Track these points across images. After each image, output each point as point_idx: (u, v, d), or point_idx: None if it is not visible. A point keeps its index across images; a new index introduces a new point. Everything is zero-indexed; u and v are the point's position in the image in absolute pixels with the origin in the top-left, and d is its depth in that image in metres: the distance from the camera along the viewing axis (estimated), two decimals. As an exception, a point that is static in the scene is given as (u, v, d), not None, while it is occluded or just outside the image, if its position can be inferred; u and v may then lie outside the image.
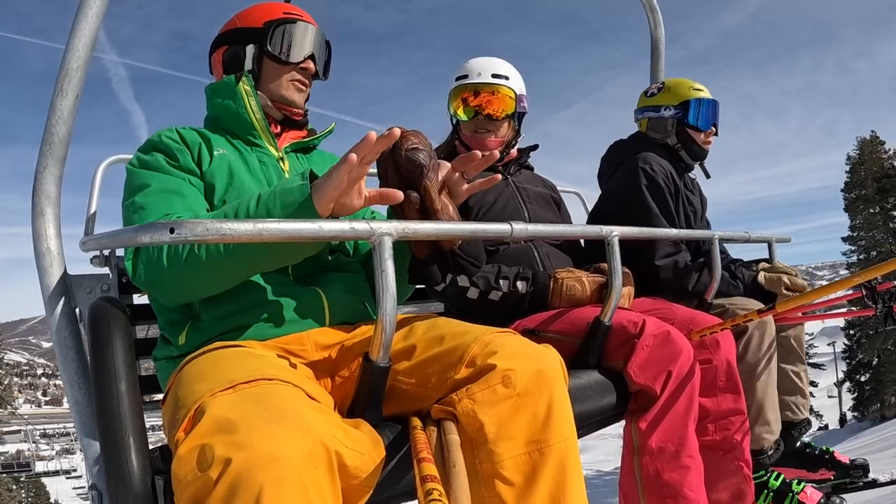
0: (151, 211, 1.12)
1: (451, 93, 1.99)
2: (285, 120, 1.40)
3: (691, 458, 1.37)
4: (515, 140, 2.01)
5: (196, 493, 0.70)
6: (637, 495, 1.39)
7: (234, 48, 1.37)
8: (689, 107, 2.16)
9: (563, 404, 0.97)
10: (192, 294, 1.11)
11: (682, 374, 1.38)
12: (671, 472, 1.35)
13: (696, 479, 1.37)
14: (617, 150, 2.29)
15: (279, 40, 1.34)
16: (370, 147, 0.98)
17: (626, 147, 2.26)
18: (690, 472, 1.36)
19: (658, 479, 1.36)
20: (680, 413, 1.38)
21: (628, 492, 1.42)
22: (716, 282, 1.88)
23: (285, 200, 1.00)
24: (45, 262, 1.13)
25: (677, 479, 1.35)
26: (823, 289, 1.45)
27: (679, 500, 1.34)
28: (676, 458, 1.36)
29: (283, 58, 1.35)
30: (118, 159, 2.60)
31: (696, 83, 2.23)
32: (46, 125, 1.14)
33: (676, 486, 1.34)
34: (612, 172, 2.22)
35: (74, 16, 1.15)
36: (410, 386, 1.03)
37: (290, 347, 1.11)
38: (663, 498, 1.35)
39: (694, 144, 2.19)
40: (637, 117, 2.32)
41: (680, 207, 2.11)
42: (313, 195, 0.98)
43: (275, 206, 1.00)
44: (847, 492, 2.17)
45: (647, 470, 1.37)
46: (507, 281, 1.66)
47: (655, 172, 2.05)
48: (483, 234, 1.08)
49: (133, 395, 0.92)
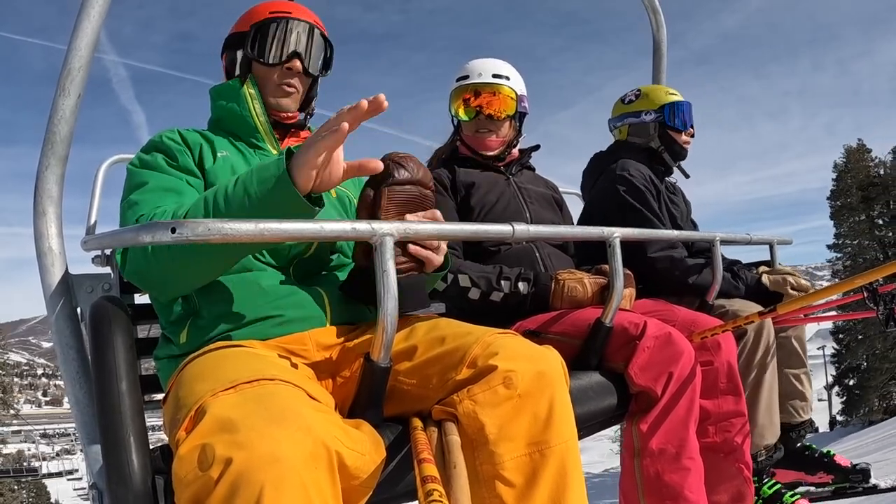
0: (143, 206, 1.12)
1: (452, 93, 1.99)
2: (276, 124, 1.37)
3: (692, 459, 1.37)
4: (516, 140, 2.01)
5: (196, 492, 0.70)
6: (637, 497, 1.39)
7: (230, 54, 1.38)
8: (667, 110, 2.24)
9: (564, 405, 0.97)
10: (177, 284, 1.09)
11: (683, 375, 1.38)
12: (671, 474, 1.35)
13: (697, 480, 1.37)
14: (597, 161, 2.35)
15: (260, 42, 1.32)
16: (361, 115, 0.94)
17: (604, 157, 2.32)
18: (691, 474, 1.36)
19: (658, 480, 1.36)
20: (681, 415, 1.38)
21: (628, 493, 1.42)
22: (717, 283, 1.88)
23: (262, 176, 0.96)
24: (46, 262, 1.13)
25: (678, 481, 1.35)
26: (824, 290, 1.45)
27: (679, 501, 1.34)
28: (677, 459, 1.36)
29: (263, 60, 1.32)
30: (119, 159, 2.61)
31: (669, 88, 2.33)
32: (48, 125, 1.14)
33: (677, 488, 1.34)
34: (593, 184, 2.28)
35: (77, 15, 1.16)
36: (411, 386, 1.03)
37: (292, 347, 1.11)
38: (663, 499, 1.35)
39: (675, 145, 2.27)
40: (615, 125, 2.37)
41: (663, 209, 2.16)
42: (293, 167, 0.94)
43: (251, 183, 0.97)
44: (847, 496, 2.15)
45: (648, 471, 1.37)
46: (508, 282, 1.66)
47: (633, 177, 2.10)
48: (484, 234, 1.08)
49: (134, 394, 0.92)
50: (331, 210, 1.36)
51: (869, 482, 2.13)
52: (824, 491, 2.16)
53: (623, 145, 2.31)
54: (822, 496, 2.17)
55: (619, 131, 2.35)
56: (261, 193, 0.95)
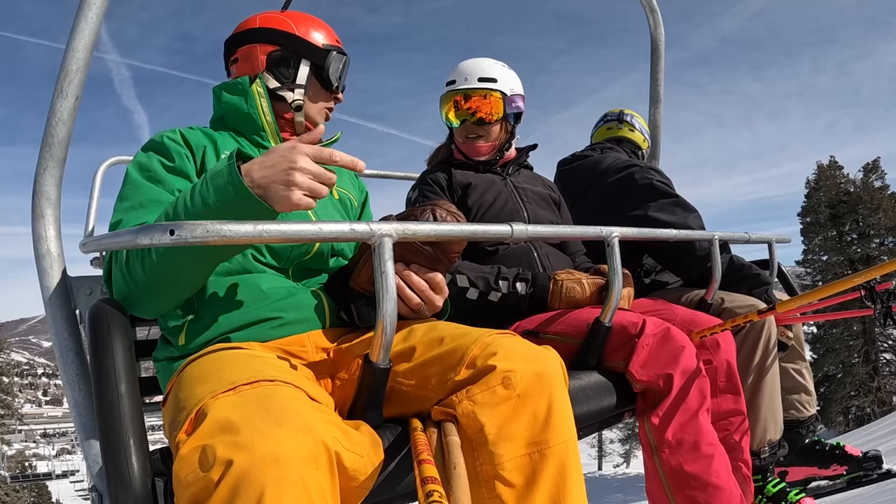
0: (123, 227, 1.10)
1: (441, 98, 1.99)
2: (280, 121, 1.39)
3: (712, 445, 1.34)
4: (510, 141, 2.01)
5: (197, 493, 0.70)
6: (666, 496, 1.36)
7: (286, 53, 1.36)
8: None
9: (563, 405, 0.97)
10: (161, 299, 1.07)
11: (687, 367, 1.37)
12: (693, 463, 1.32)
13: (722, 467, 1.34)
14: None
15: (334, 68, 1.39)
16: None
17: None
18: (714, 461, 1.33)
19: (681, 472, 1.33)
20: (692, 406, 1.35)
21: (657, 495, 1.39)
22: (716, 282, 1.88)
23: (217, 184, 0.93)
24: (45, 264, 1.13)
25: (702, 469, 1.32)
26: (822, 289, 1.45)
27: (708, 490, 1.31)
28: (696, 448, 1.33)
29: (330, 86, 1.40)
30: (118, 160, 2.61)
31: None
32: (46, 127, 1.14)
33: (703, 476, 1.31)
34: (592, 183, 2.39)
35: (74, 17, 1.15)
36: (410, 387, 1.03)
37: (291, 349, 1.11)
38: (692, 490, 1.32)
39: None
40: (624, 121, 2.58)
41: None
42: (246, 171, 0.92)
43: (207, 191, 0.94)
44: (862, 485, 2.13)
45: (669, 464, 1.34)
46: (506, 282, 1.66)
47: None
48: (483, 235, 1.08)
49: (133, 396, 0.92)
50: (332, 212, 1.36)
51: (882, 468, 2.12)
52: (839, 483, 2.15)
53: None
54: (836, 488, 2.16)
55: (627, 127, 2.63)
56: (218, 200, 0.93)
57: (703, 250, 2.00)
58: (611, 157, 2.37)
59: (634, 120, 2.67)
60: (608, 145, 2.54)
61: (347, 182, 1.51)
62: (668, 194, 2.15)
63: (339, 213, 1.38)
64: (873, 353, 22.10)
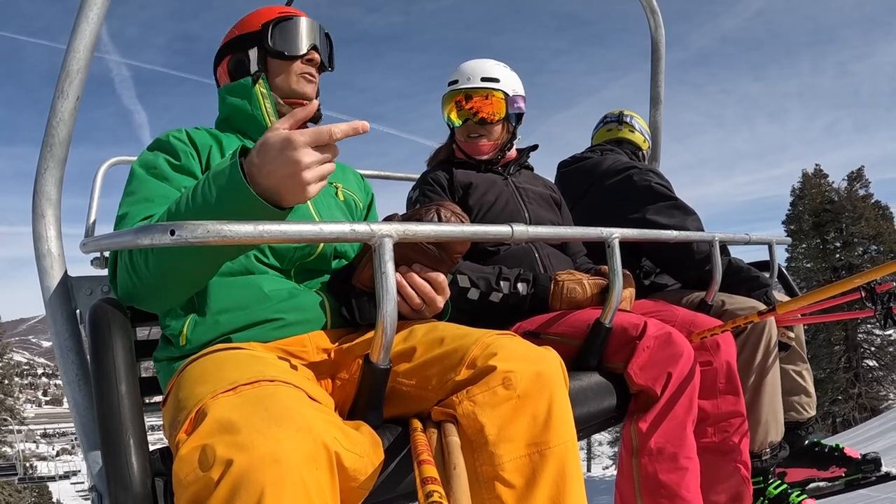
0: (130, 220, 1.11)
1: (443, 98, 1.99)
2: None
3: (689, 459, 1.37)
4: (511, 142, 2.01)
5: (197, 493, 0.70)
6: (634, 496, 1.39)
7: (237, 55, 1.39)
8: None
9: (563, 406, 0.97)
10: (167, 296, 1.08)
11: (682, 375, 1.38)
12: (669, 474, 1.35)
13: (693, 481, 1.37)
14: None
15: (279, 37, 1.36)
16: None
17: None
18: (688, 474, 1.36)
19: (656, 479, 1.36)
20: (680, 415, 1.38)
21: (625, 493, 1.41)
22: (716, 283, 1.88)
23: (219, 185, 0.93)
24: (45, 264, 1.13)
25: (675, 481, 1.35)
26: (823, 290, 1.45)
27: (676, 501, 1.34)
28: (675, 459, 1.36)
29: (286, 52, 1.36)
30: (119, 161, 2.61)
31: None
32: (47, 127, 1.14)
33: (674, 488, 1.34)
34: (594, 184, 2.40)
35: (75, 18, 1.16)
36: (411, 388, 1.03)
37: (291, 349, 1.11)
38: (660, 498, 1.35)
39: None
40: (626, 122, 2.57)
41: None
42: (249, 169, 0.91)
43: (210, 192, 0.93)
44: (860, 487, 2.13)
45: (646, 470, 1.37)
46: (507, 282, 1.66)
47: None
48: (484, 235, 1.08)
49: (133, 396, 0.92)
50: (337, 213, 1.36)
51: (881, 470, 2.12)
52: (837, 484, 2.15)
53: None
54: (834, 490, 2.16)
55: (627, 127, 2.65)
56: (219, 197, 0.92)
57: (701, 253, 2.00)
58: (610, 159, 2.37)
59: (634, 121, 2.66)
60: (608, 147, 2.53)
61: (353, 184, 1.51)
62: (666, 197, 2.15)
63: (344, 214, 1.38)
64: (855, 359, 22.20)
